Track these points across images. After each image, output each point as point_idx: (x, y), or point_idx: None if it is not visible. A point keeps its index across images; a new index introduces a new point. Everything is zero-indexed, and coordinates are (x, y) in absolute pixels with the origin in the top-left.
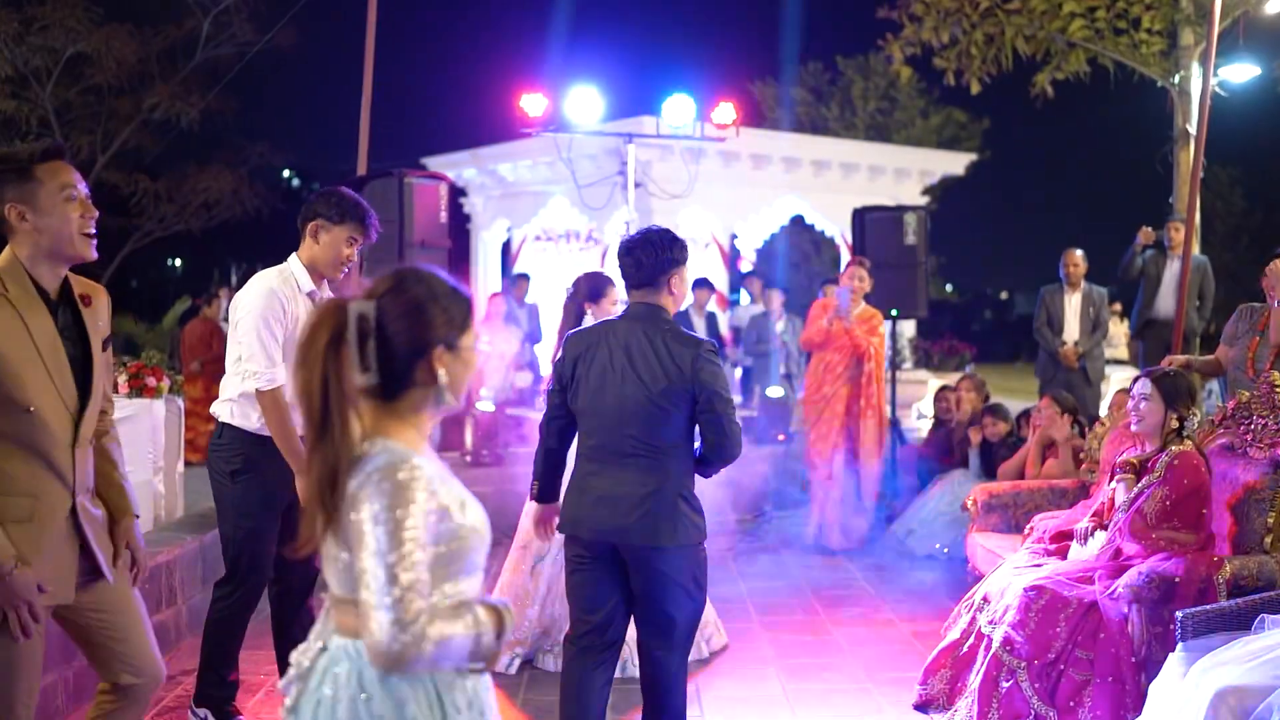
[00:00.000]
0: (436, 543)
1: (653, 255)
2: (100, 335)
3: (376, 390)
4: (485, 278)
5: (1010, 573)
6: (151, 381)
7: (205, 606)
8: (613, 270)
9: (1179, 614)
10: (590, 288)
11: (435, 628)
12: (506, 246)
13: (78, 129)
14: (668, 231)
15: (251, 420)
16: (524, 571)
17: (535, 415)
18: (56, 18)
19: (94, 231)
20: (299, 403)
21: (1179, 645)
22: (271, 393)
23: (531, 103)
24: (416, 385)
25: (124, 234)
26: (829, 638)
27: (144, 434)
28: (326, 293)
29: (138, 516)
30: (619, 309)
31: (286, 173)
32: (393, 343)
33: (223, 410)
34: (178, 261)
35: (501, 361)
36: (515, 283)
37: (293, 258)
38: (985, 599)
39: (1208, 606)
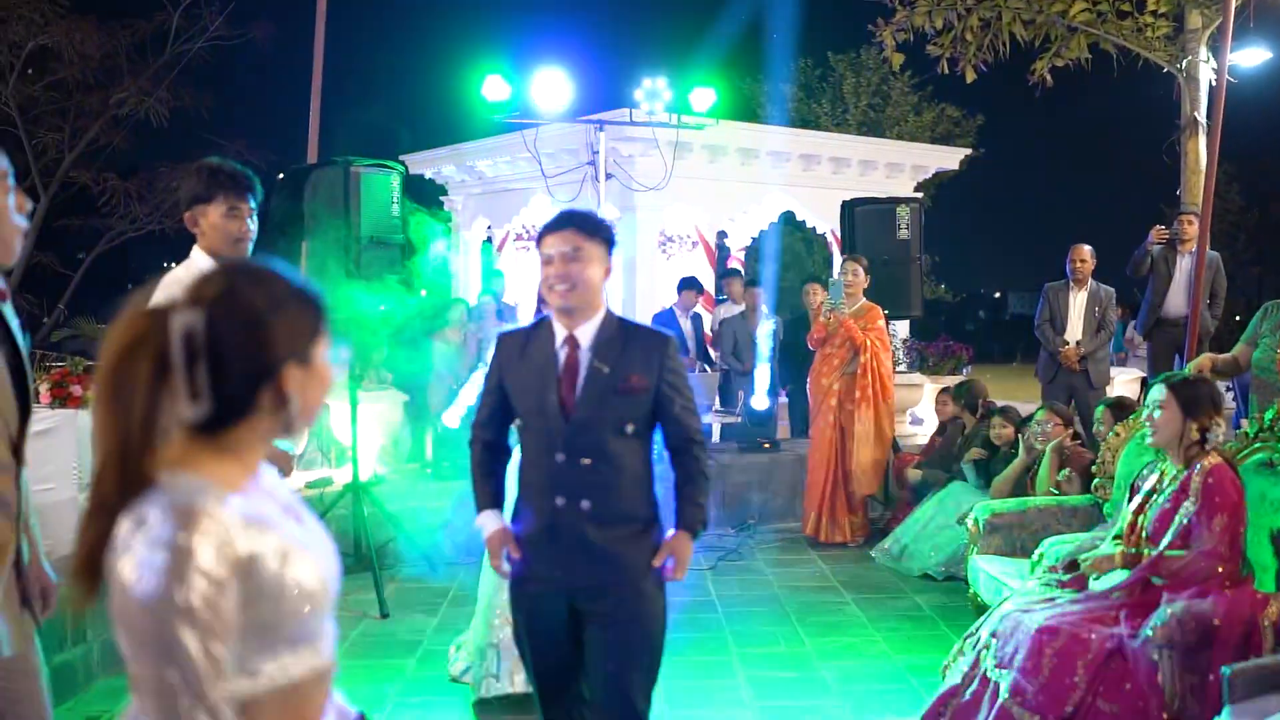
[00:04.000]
0: (240, 606)
1: None
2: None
3: (203, 422)
4: (467, 277)
5: (1019, 608)
6: (77, 390)
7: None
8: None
9: (1226, 671)
10: None
11: None
12: (488, 244)
13: (43, 126)
14: None
15: None
16: None
17: None
18: (16, 10)
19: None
20: (104, 447)
21: (1226, 708)
22: None
23: (494, 87)
24: (258, 412)
25: (94, 235)
26: (815, 674)
27: (67, 448)
28: None
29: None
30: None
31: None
32: (229, 363)
33: None
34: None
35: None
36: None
37: (195, 252)
38: (993, 636)
39: (1261, 661)
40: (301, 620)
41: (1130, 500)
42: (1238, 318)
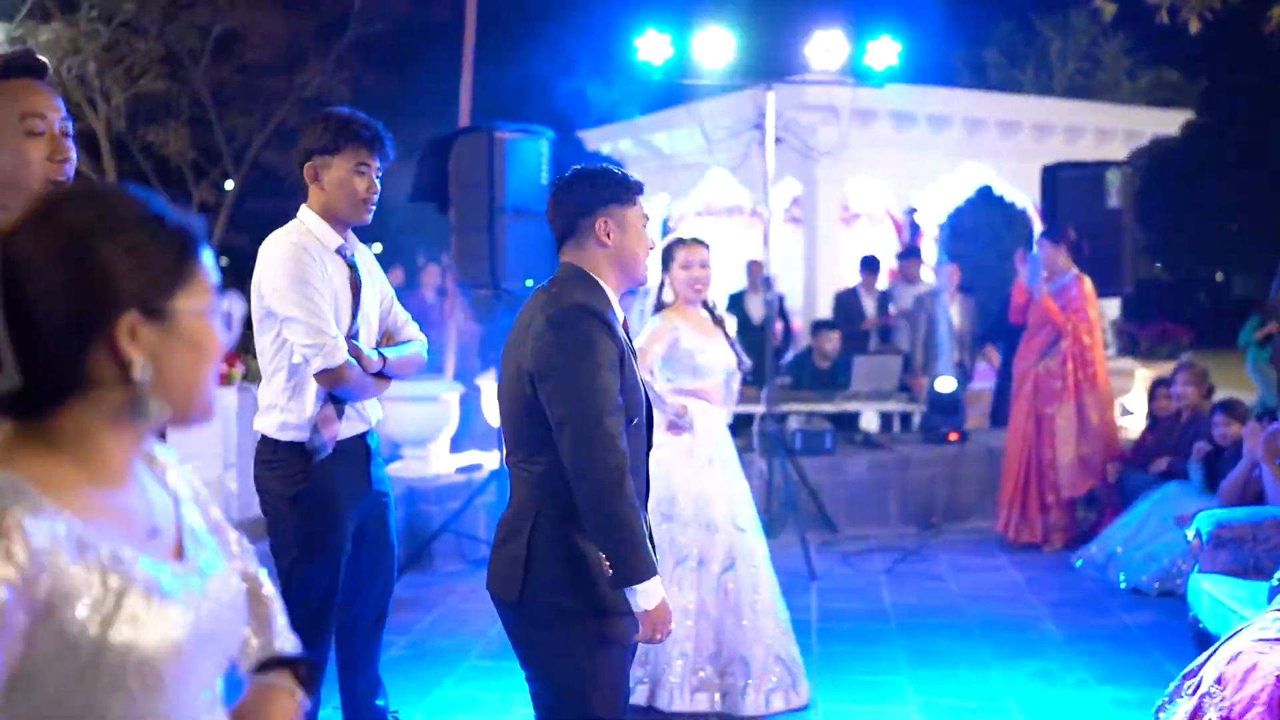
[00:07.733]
0: (40, 651)
1: (570, 195)
2: None
3: (13, 400)
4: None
5: (1253, 646)
6: (223, 368)
7: None
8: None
9: None
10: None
11: None
12: (666, 222)
13: (233, 109)
14: (604, 166)
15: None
16: None
17: None
18: None
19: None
20: None
21: None
22: (336, 372)
23: (651, 45)
24: (96, 387)
25: (283, 217)
26: (1001, 703)
27: (214, 425)
28: (359, 248)
29: None
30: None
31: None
32: (40, 312)
33: (269, 423)
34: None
35: None
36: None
37: (303, 210)
38: (1219, 681)
39: None
40: (130, 702)
41: None
42: None
